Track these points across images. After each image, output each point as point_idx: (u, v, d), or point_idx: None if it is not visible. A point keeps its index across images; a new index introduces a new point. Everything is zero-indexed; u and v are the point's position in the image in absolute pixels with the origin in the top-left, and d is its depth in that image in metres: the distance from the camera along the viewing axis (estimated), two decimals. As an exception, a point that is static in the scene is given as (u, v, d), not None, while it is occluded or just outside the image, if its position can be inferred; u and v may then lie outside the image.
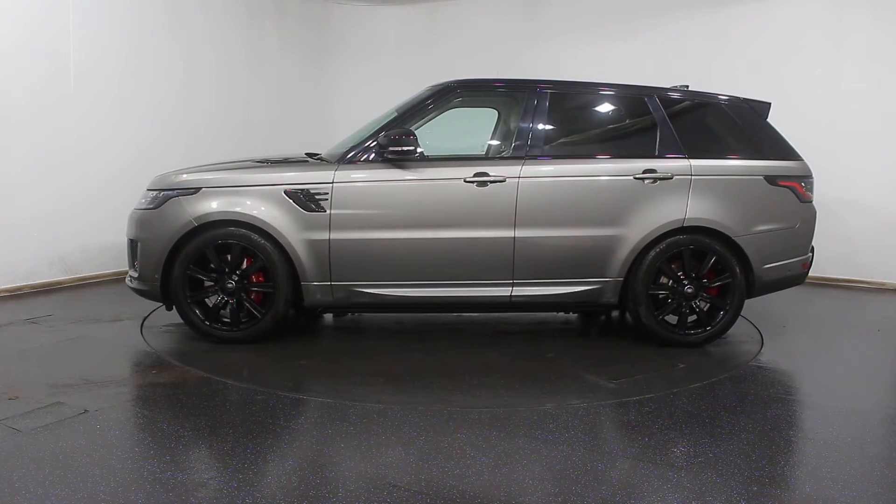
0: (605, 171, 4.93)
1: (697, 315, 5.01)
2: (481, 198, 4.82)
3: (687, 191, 4.89)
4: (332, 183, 4.78)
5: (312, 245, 4.78)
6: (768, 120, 5.17)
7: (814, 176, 5.18)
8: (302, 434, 3.48)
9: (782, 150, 5.10)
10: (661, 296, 5.00)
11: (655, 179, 4.89)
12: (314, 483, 2.96)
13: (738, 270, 4.93)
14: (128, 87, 7.08)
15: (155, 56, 7.33)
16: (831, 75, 7.37)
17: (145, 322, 5.44)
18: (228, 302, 4.88)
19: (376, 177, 4.82)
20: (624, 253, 4.86)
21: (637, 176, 4.89)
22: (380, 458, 3.22)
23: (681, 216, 4.86)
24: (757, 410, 3.90)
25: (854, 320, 6.23)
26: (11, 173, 6.19)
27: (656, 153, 4.98)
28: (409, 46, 9.39)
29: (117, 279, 6.95)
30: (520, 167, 4.85)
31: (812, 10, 7.44)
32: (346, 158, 4.88)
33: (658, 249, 4.89)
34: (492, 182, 4.81)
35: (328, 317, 5.91)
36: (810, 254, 5.22)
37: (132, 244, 5.01)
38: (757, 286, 5.02)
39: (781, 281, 5.13)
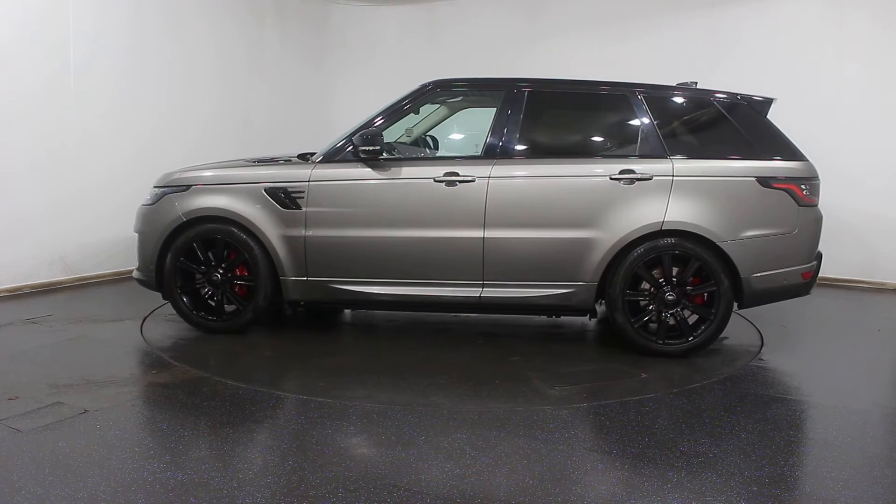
0: (578, 171, 4.78)
1: (678, 324, 4.74)
2: (450, 198, 4.81)
3: (667, 193, 4.66)
4: (308, 182, 4.93)
5: (290, 241, 4.93)
6: (769, 118, 4.92)
7: (819, 177, 4.86)
8: (302, 434, 3.48)
9: (781, 149, 4.79)
10: (641, 302, 4.78)
11: (633, 180, 4.69)
12: (314, 483, 2.96)
13: (723, 278, 4.64)
14: (128, 86, 7.08)
15: (155, 55, 7.33)
16: (832, 74, 7.37)
17: (145, 322, 5.44)
18: (213, 294, 5.13)
19: (349, 176, 4.93)
20: (598, 256, 4.69)
21: (613, 176, 4.71)
22: (380, 458, 3.22)
23: (659, 219, 4.63)
24: (757, 410, 3.90)
25: (854, 320, 6.23)
26: (11, 173, 6.18)
27: (637, 153, 4.80)
28: (410, 46, 9.39)
29: (117, 279, 6.95)
30: (490, 167, 4.81)
31: (812, 10, 7.44)
32: (324, 158, 5.03)
33: (635, 253, 4.68)
34: (461, 182, 4.80)
35: (347, 312, 5.97)
36: (815, 262, 4.87)
37: (137, 237, 5.27)
38: (746, 296, 4.71)
39: (777, 291, 4.80)
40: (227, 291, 5.09)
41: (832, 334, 5.76)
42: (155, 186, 5.26)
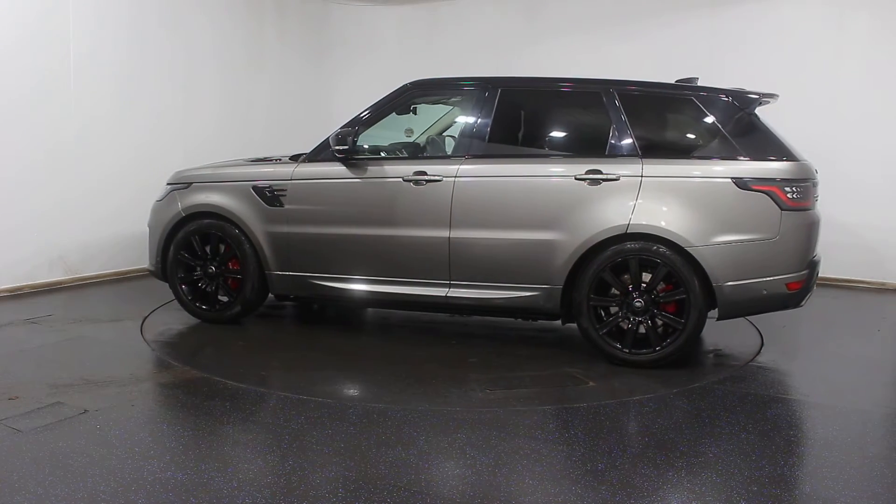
0: (543, 171, 4.68)
1: (647, 333, 4.47)
2: (418, 197, 4.82)
3: (635, 194, 4.43)
4: (290, 180, 5.09)
5: (274, 237, 5.11)
6: (757, 115, 4.64)
7: (814, 179, 4.55)
8: (302, 434, 3.48)
9: (767, 148, 4.47)
10: (612, 308, 4.55)
11: (598, 181, 4.49)
12: (314, 483, 2.96)
13: (694, 286, 4.34)
14: (128, 86, 7.07)
15: (155, 54, 7.31)
16: (832, 75, 7.36)
17: (145, 322, 5.44)
18: (209, 285, 5.35)
19: (326, 175, 5.05)
20: (561, 259, 4.52)
21: (578, 177, 4.53)
22: (380, 458, 3.22)
23: (624, 222, 4.41)
24: (757, 410, 3.90)
25: (854, 320, 6.23)
26: (11, 173, 6.17)
27: (607, 152, 4.60)
28: (409, 46, 9.37)
29: (117, 279, 6.95)
30: (457, 166, 4.78)
31: (812, 11, 7.44)
32: (307, 157, 5.18)
33: (602, 257, 4.46)
34: (428, 181, 4.79)
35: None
36: (806, 271, 4.46)
37: (148, 231, 5.60)
38: (721, 306, 4.39)
39: (756, 301, 4.43)
40: (221, 284, 5.32)
41: (832, 334, 5.75)
42: (167, 183, 5.55)
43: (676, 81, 5.02)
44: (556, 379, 4.38)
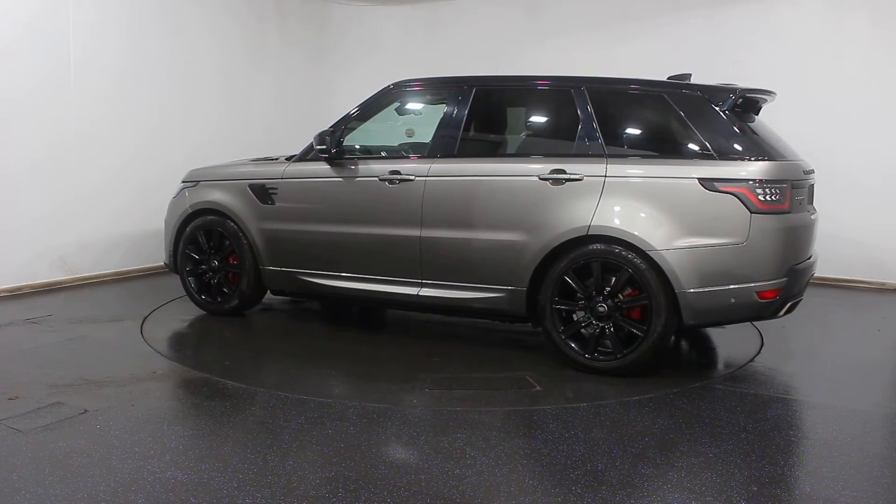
0: (508, 170, 4.62)
1: (609, 339, 4.31)
2: (392, 196, 4.87)
3: (597, 195, 4.30)
4: (281, 179, 5.27)
5: (266, 234, 5.30)
6: (741, 113, 4.43)
7: (795, 180, 4.31)
8: (302, 434, 3.48)
9: (740, 148, 4.23)
10: (577, 313, 4.41)
11: (562, 181, 4.39)
12: (314, 483, 2.96)
13: (658, 291, 4.14)
14: (128, 85, 7.07)
15: (155, 54, 7.31)
16: (832, 75, 7.36)
17: (145, 322, 5.44)
18: (211, 278, 5.58)
19: (311, 174, 5.20)
20: (524, 261, 4.45)
21: (542, 177, 4.45)
22: (380, 458, 3.22)
23: (585, 223, 4.28)
24: (757, 410, 3.90)
25: (854, 320, 6.23)
26: (11, 173, 6.17)
27: (574, 151, 4.50)
28: (410, 46, 9.38)
29: (117, 279, 6.95)
30: (429, 166, 4.79)
31: (811, 11, 7.44)
32: (298, 157, 5.34)
33: (564, 260, 4.35)
34: (401, 181, 4.83)
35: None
36: (785, 279, 4.19)
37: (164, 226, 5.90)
38: (686, 314, 4.16)
39: (724, 311, 4.20)
40: (222, 277, 5.54)
41: (832, 334, 5.75)
42: (181, 181, 5.83)
43: (668, 78, 4.85)
44: (504, 382, 4.27)
